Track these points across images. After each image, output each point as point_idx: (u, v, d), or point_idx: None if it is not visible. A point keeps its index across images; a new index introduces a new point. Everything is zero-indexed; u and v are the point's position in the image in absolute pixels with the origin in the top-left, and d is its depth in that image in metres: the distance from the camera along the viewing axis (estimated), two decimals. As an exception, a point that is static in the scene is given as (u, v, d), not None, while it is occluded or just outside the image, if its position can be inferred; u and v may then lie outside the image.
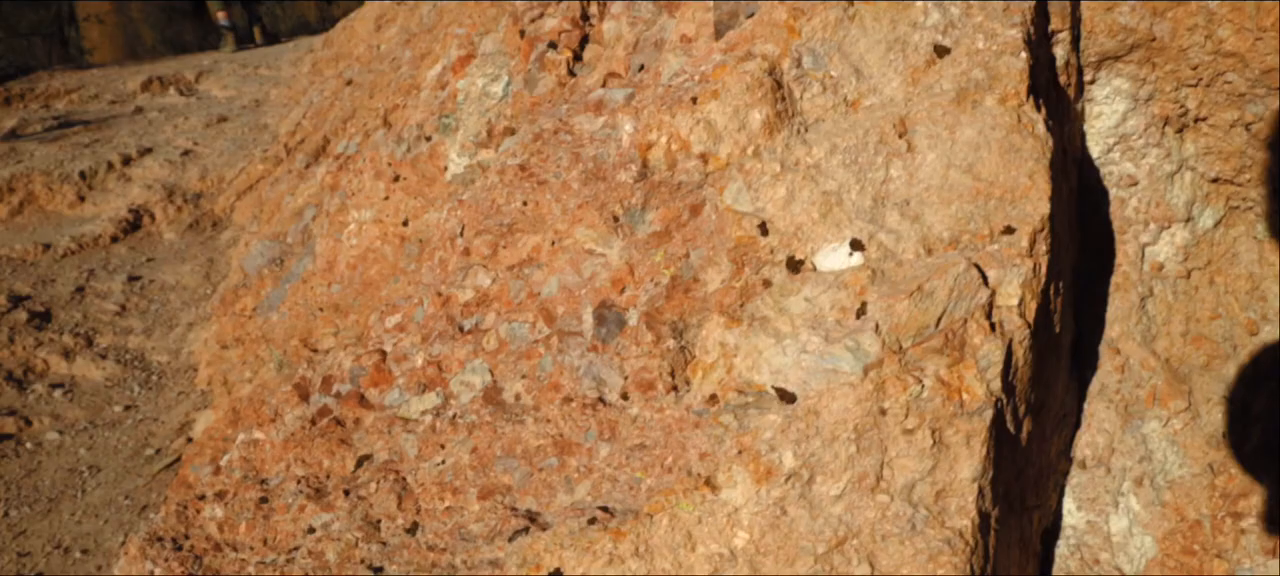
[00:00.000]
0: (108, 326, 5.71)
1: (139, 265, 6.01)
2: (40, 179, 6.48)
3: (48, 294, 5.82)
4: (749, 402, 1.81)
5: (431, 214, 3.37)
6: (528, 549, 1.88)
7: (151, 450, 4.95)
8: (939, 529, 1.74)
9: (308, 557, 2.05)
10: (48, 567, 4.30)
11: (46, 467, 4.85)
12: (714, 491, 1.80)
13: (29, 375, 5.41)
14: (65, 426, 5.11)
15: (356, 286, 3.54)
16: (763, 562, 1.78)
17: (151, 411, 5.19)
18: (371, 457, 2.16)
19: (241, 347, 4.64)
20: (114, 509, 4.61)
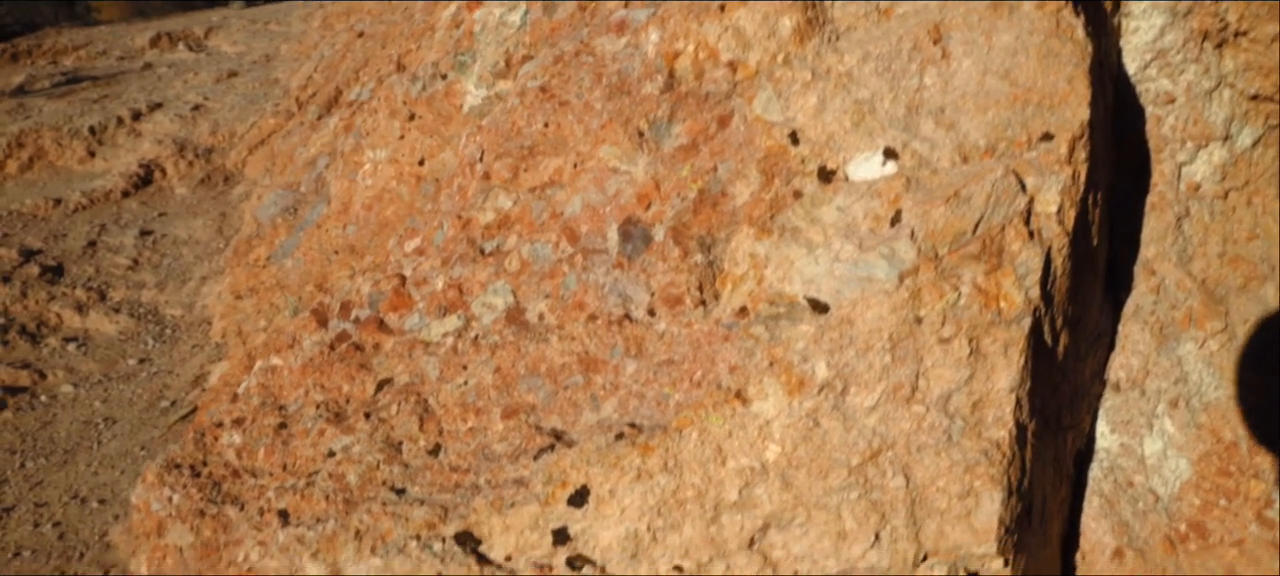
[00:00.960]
0: (120, 280, 5.69)
1: (151, 220, 5.98)
2: (50, 134, 6.44)
3: (59, 248, 5.80)
4: (780, 314, 1.77)
5: (447, 152, 3.32)
6: (554, 466, 1.85)
7: (166, 402, 4.94)
8: (976, 440, 1.70)
9: (328, 480, 2.03)
10: (65, 517, 4.30)
11: (62, 420, 4.84)
12: (745, 404, 1.76)
13: (42, 329, 5.40)
14: (80, 379, 5.10)
15: (372, 227, 3.50)
16: (795, 476, 1.74)
17: (166, 364, 5.17)
18: (392, 381, 2.13)
19: (256, 297, 4.61)
20: (130, 460, 4.60)
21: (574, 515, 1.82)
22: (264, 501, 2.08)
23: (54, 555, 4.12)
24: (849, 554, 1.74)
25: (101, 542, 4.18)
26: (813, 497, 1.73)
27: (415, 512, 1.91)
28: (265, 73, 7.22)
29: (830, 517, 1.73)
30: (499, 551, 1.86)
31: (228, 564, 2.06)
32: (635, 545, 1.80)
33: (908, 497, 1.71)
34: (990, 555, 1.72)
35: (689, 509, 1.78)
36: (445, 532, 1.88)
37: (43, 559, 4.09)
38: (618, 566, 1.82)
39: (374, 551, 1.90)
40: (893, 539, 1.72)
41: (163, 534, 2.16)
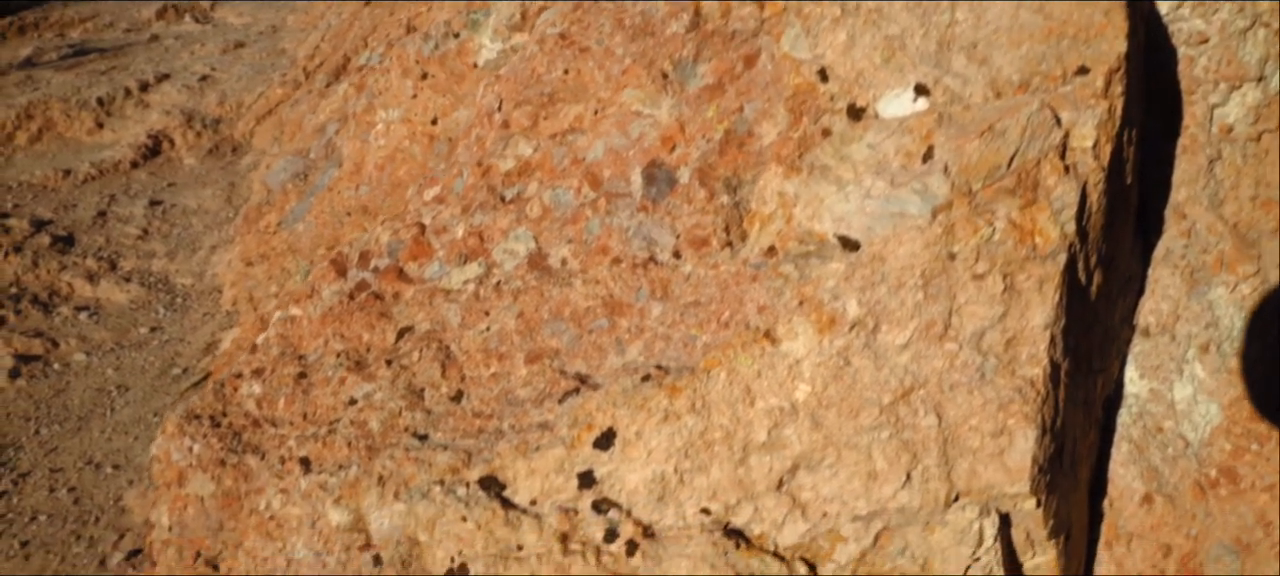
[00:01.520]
0: (130, 250, 5.67)
1: (160, 190, 5.96)
2: (58, 106, 6.42)
3: (70, 219, 5.78)
4: (810, 252, 1.74)
5: (461, 111, 3.29)
6: (579, 409, 1.83)
7: (178, 369, 4.93)
8: (1009, 377, 1.67)
9: (350, 427, 2.01)
10: (80, 482, 4.30)
11: (75, 388, 4.84)
12: (774, 344, 1.73)
13: (54, 298, 5.39)
14: (92, 348, 5.09)
15: (384, 187, 3.47)
16: (825, 415, 1.72)
17: (177, 332, 5.16)
18: (413, 329, 2.11)
19: (267, 263, 4.59)
20: (143, 426, 4.60)
21: (600, 458, 1.80)
22: (285, 450, 2.07)
23: (70, 519, 4.12)
24: (879, 494, 1.72)
25: (117, 506, 4.18)
26: (843, 437, 1.71)
27: (439, 458, 1.89)
28: (272, 43, 7.18)
29: (860, 457, 1.71)
30: (524, 496, 1.84)
31: (249, 512, 2.05)
32: (662, 487, 1.78)
33: (940, 436, 1.69)
34: (1023, 494, 1.70)
35: (717, 450, 1.76)
36: (469, 477, 1.86)
37: (59, 522, 4.09)
38: (644, 510, 1.80)
39: (397, 497, 1.89)
40: (924, 479, 1.70)
41: (183, 483, 2.15)
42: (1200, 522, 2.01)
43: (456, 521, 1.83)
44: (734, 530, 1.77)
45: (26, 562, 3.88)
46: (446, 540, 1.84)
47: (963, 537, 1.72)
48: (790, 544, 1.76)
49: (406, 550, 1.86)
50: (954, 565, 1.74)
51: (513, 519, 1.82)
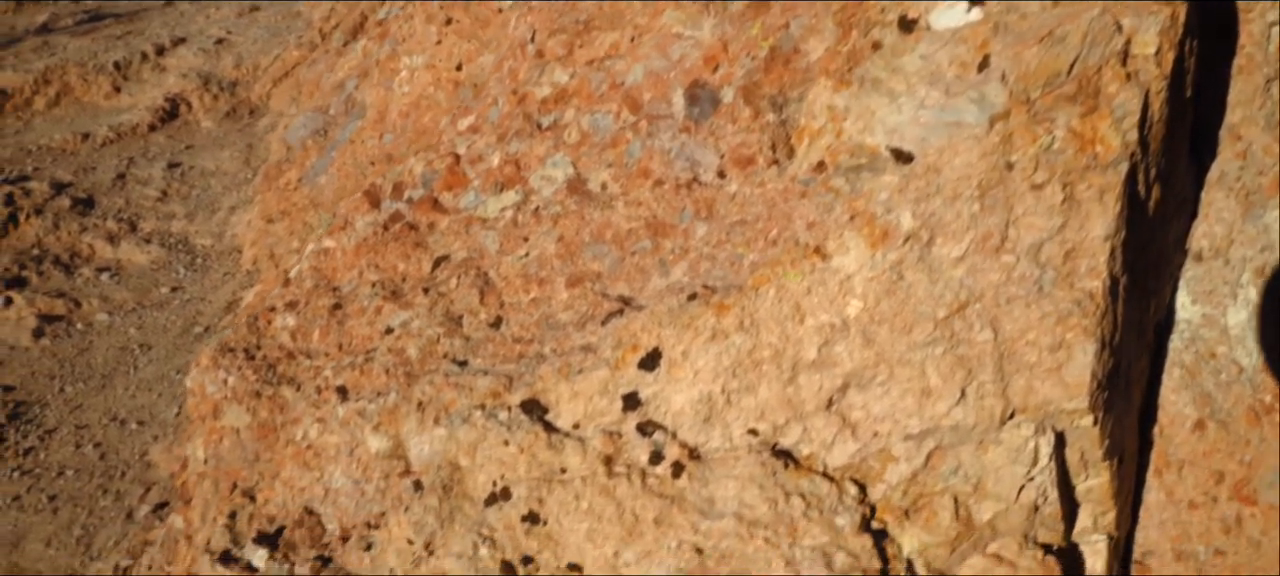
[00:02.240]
0: (150, 212, 5.66)
1: (178, 152, 5.94)
2: (75, 71, 6.40)
3: (89, 181, 5.76)
4: (861, 165, 1.69)
5: (486, 56, 3.24)
6: (623, 331, 1.79)
7: (200, 328, 4.92)
8: (1068, 290, 1.63)
9: (388, 355, 1.98)
10: (106, 438, 4.30)
11: (98, 347, 4.83)
12: (824, 259, 1.69)
13: (75, 260, 5.38)
14: (114, 308, 5.08)
15: (409, 135, 3.43)
16: (877, 332, 1.68)
17: (198, 292, 5.15)
18: (449, 257, 2.07)
19: (287, 219, 4.57)
20: (166, 383, 4.59)
21: (645, 379, 1.77)
22: (321, 380, 2.04)
23: (96, 474, 4.12)
24: (933, 412, 1.68)
25: (142, 461, 4.18)
26: (895, 354, 1.67)
27: (479, 383, 1.86)
28: (287, 5, 7.14)
29: (913, 374, 1.67)
30: (566, 419, 1.81)
31: (286, 442, 2.02)
32: (708, 408, 1.75)
33: (995, 351, 1.65)
34: (1081, 411, 1.66)
35: (765, 369, 1.72)
36: (511, 402, 1.83)
37: (86, 477, 4.09)
38: (690, 432, 1.77)
39: (437, 422, 1.86)
40: (979, 395, 1.66)
41: (218, 416, 2.13)
42: (1254, 448, 1.97)
43: (498, 446, 1.80)
44: (782, 451, 1.73)
45: (55, 516, 3.89)
46: (488, 464, 1.81)
47: (1017, 456, 1.68)
48: (840, 464, 1.72)
49: (447, 475, 1.83)
50: (1007, 485, 1.71)
51: (556, 442, 1.79)
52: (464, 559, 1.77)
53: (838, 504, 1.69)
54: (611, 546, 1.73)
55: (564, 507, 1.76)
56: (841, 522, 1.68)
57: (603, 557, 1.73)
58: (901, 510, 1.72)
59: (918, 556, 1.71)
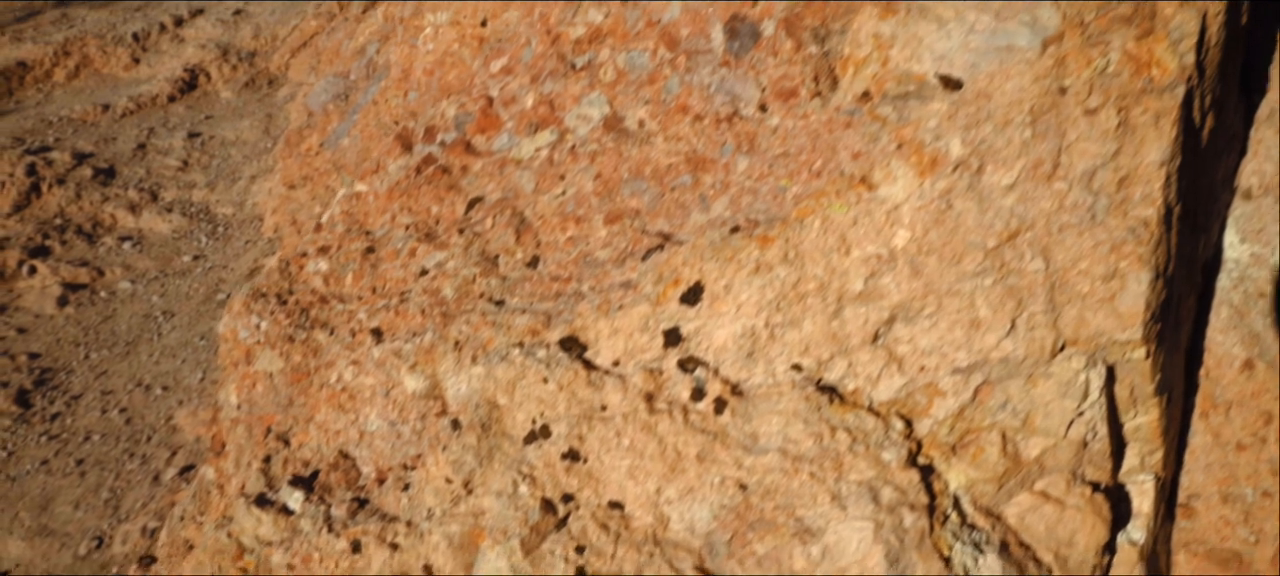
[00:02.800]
0: (171, 181, 5.66)
1: (198, 122, 5.93)
2: (94, 43, 6.39)
3: (110, 151, 5.77)
4: (909, 93, 1.66)
5: (511, 12, 3.21)
6: (664, 265, 1.77)
7: (223, 295, 4.92)
8: (1122, 218, 1.59)
9: (423, 296, 1.96)
10: (131, 403, 4.31)
11: (122, 314, 4.84)
12: (870, 189, 1.66)
13: (98, 229, 5.39)
14: (137, 276, 5.09)
15: (433, 93, 3.40)
16: (925, 262, 1.65)
17: (220, 260, 5.15)
18: (483, 198, 2.05)
19: (309, 184, 4.55)
20: (190, 349, 4.60)
21: (686, 314, 1.74)
22: (355, 323, 2.02)
23: (123, 438, 4.13)
24: (981, 344, 1.65)
25: (168, 426, 4.19)
26: (944, 285, 1.64)
27: (517, 321, 1.84)
28: (305, -22, 7.12)
29: (962, 305, 1.64)
30: (606, 356, 1.79)
31: (320, 386, 2.01)
32: (752, 343, 1.72)
33: (1047, 281, 1.61)
34: (1134, 342, 1.62)
35: (810, 303, 1.69)
36: (549, 339, 1.81)
37: (112, 442, 4.10)
38: (732, 368, 1.74)
39: (475, 360, 1.84)
40: (1030, 326, 1.63)
41: (251, 361, 2.11)
42: (1305, 389, 1.93)
43: (537, 383, 1.78)
44: (827, 386, 1.70)
45: (83, 479, 3.90)
46: (527, 402, 1.79)
47: (1067, 390, 1.65)
48: (885, 399, 1.69)
49: (485, 413, 1.81)
50: (1056, 420, 1.67)
51: (596, 379, 1.77)
52: (504, 497, 1.75)
53: (884, 439, 1.66)
54: (653, 483, 1.71)
55: (605, 445, 1.73)
56: (888, 457, 1.65)
57: (644, 494, 1.71)
58: (948, 446, 1.69)
59: (964, 493, 1.68)
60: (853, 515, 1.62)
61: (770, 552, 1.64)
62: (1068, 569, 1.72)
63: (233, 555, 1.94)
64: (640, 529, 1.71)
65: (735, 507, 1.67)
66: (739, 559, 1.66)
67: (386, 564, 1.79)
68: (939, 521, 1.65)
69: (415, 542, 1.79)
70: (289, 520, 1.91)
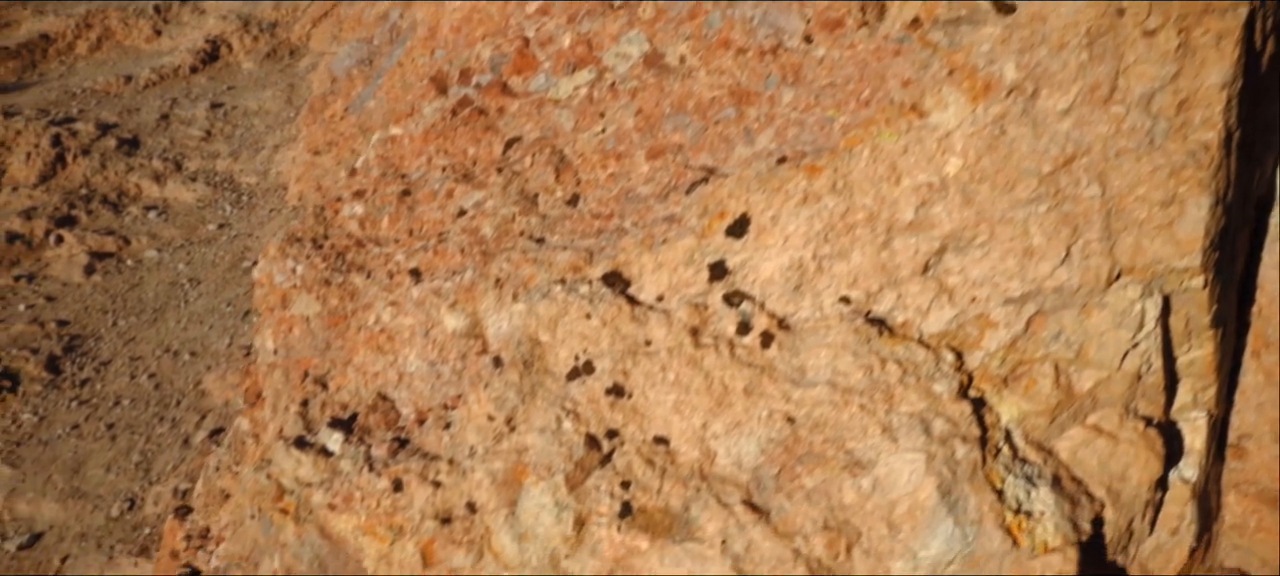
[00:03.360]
0: (195, 151, 5.66)
1: (220, 93, 5.94)
2: (115, 14, 6.40)
3: (134, 122, 5.78)
4: (960, 17, 1.62)
5: (540, -34, 3.17)
6: (709, 198, 1.74)
7: (248, 262, 4.92)
8: (1181, 142, 1.55)
9: (462, 235, 1.94)
10: (159, 368, 4.32)
11: (149, 282, 4.86)
12: (921, 117, 1.63)
13: (123, 198, 5.40)
14: (163, 244, 5.10)
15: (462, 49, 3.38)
16: (977, 189, 1.61)
17: (245, 228, 5.16)
18: (521, 138, 2.03)
19: (334, 149, 4.54)
20: (217, 315, 4.61)
21: (732, 247, 1.72)
22: (392, 265, 2.01)
23: (152, 403, 4.14)
24: (1035, 273, 1.61)
25: (196, 390, 4.20)
26: (997, 212, 1.61)
27: (558, 257, 1.82)
28: (324, -49, 7.10)
29: (1015, 233, 1.60)
30: (650, 291, 1.77)
31: (358, 328, 2.00)
32: (799, 276, 1.70)
33: (1103, 208, 1.58)
34: (1192, 270, 1.59)
35: (859, 233, 1.66)
36: (592, 275, 1.79)
37: (142, 406, 4.11)
38: (779, 302, 1.71)
39: (516, 298, 1.82)
40: (1084, 255, 1.59)
41: (288, 305, 2.10)
42: (1362, 327, 1.89)
43: (580, 319, 1.76)
44: (876, 319, 1.68)
45: (113, 443, 3.91)
46: (570, 338, 1.77)
47: (1122, 320, 1.62)
48: (936, 332, 1.67)
49: (527, 350, 1.79)
50: (1110, 351, 1.64)
51: (639, 315, 1.74)
52: (547, 432, 1.74)
53: (935, 371, 1.64)
54: (699, 417, 1.69)
55: (650, 380, 1.71)
56: (939, 389, 1.62)
57: (690, 429, 1.69)
58: (1000, 378, 1.66)
59: (1016, 426, 1.66)
60: (904, 447, 1.59)
61: (820, 485, 1.62)
62: (1120, 504, 1.69)
63: (273, 496, 1.94)
64: (686, 464, 1.69)
65: (783, 441, 1.65)
66: (787, 492, 1.64)
67: (429, 501, 1.78)
68: (991, 454, 1.62)
69: (458, 480, 1.78)
70: (329, 461, 1.90)
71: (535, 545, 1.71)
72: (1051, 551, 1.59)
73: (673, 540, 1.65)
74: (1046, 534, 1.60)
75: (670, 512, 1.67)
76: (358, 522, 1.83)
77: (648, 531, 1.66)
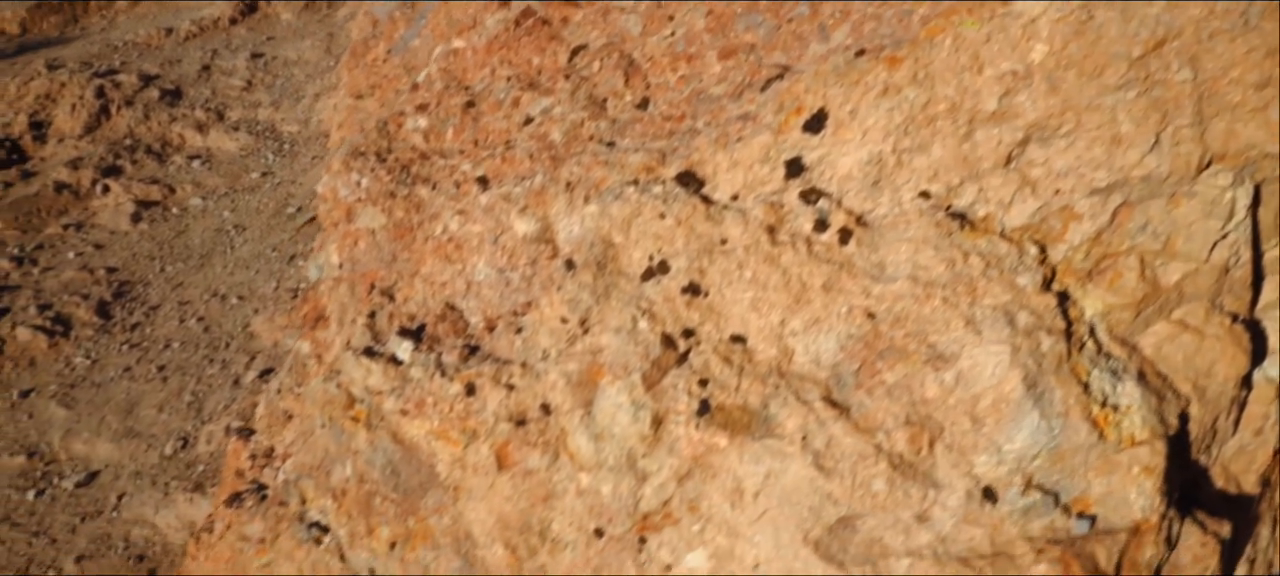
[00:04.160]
0: (236, 101, 5.68)
1: (260, 44, 5.95)
2: (153, -31, 6.42)
3: (176, 73, 5.80)
4: (1046, -102, 1.58)
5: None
6: (786, 93, 1.71)
7: (293, 209, 4.94)
8: (1276, 22, 1.51)
9: (530, 142, 1.92)
10: (208, 312, 4.36)
11: (194, 229, 4.89)
12: (1005, 3, 1.59)
13: (166, 148, 5.43)
14: (207, 193, 5.13)
15: (510, -18, 3.35)
16: (1063, 77, 1.58)
17: (288, 175, 5.18)
18: (587, 45, 2.00)
19: (378, 92, 4.52)
20: (263, 260, 4.64)
21: (809, 143, 1.69)
22: (459, 175, 2.00)
23: (202, 345, 4.17)
24: (1122, 162, 1.58)
25: (245, 332, 4.23)
26: (1083, 100, 1.57)
27: (630, 159, 1.80)
28: (358, -97, 7.09)
29: (1102, 121, 1.57)
30: (724, 190, 1.75)
31: (425, 239, 1.99)
32: (878, 170, 1.67)
33: (1194, 92, 1.54)
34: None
35: (939, 125, 1.63)
36: (665, 175, 1.77)
37: (192, 348, 4.15)
38: (856, 198, 1.69)
39: (588, 200, 1.80)
40: (1174, 141, 1.56)
41: (352, 219, 2.10)
42: None
43: (654, 220, 1.75)
44: (956, 213, 1.65)
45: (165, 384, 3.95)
46: (644, 239, 1.75)
47: (1211, 210, 1.58)
48: (1018, 225, 1.64)
49: (600, 252, 1.78)
50: (1198, 243, 1.61)
51: (715, 214, 1.73)
52: (622, 333, 1.73)
53: (1018, 264, 1.61)
54: (777, 315, 1.67)
55: (726, 278, 1.70)
56: (1023, 282, 1.60)
57: (768, 326, 1.68)
58: (1084, 272, 1.63)
59: (1100, 320, 1.63)
60: (988, 340, 1.57)
61: (901, 380, 1.61)
62: (1205, 400, 1.66)
63: (343, 405, 1.95)
64: (764, 361, 1.68)
65: (863, 336, 1.63)
66: (867, 388, 1.62)
67: (502, 404, 1.78)
68: (1076, 348, 1.60)
69: (531, 382, 1.78)
70: (399, 369, 1.91)
71: (612, 444, 1.71)
72: (1139, 444, 1.56)
73: (752, 437, 1.64)
74: (1133, 427, 1.57)
75: (749, 410, 1.66)
76: (430, 427, 1.84)
77: (726, 428, 1.66)
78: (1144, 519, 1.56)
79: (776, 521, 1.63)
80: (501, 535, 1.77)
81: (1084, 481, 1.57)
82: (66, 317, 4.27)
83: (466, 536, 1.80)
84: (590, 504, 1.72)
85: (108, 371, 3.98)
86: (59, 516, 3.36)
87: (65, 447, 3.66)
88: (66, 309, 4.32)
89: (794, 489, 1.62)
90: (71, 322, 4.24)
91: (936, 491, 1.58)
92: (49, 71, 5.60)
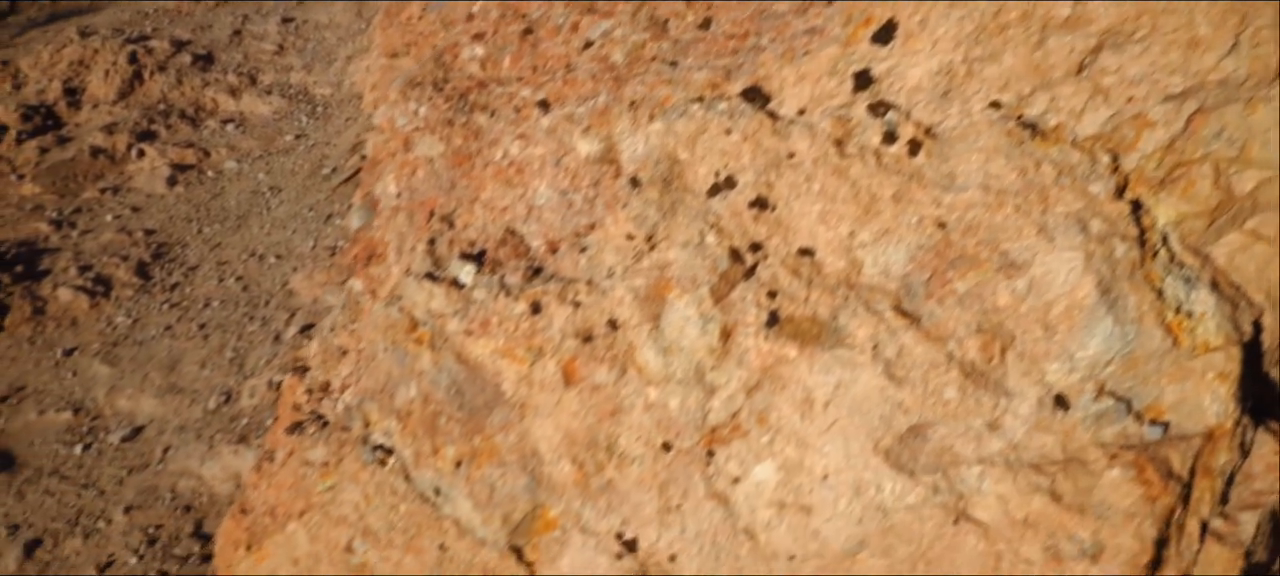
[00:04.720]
0: (268, 65, 5.70)
1: (290, 8, 5.97)
2: (182, -63, 6.43)
3: (207, 38, 5.83)
4: None
5: None
6: (853, 5, 1.70)
7: (328, 170, 4.96)
8: (1360, -80, 1.49)
9: (591, 63, 1.92)
10: (246, 271, 4.38)
11: (230, 191, 4.91)
12: (1079, -94, 1.57)
13: (200, 112, 5.45)
14: (241, 155, 5.15)
15: (551, -70, 3.35)
16: (1139, -20, 1.56)
17: (322, 138, 5.20)
18: (647, -30, 2.00)
19: (414, 50, 4.53)
20: (299, 220, 4.65)
21: (878, 54, 1.69)
22: (518, 100, 2.00)
23: (241, 303, 4.20)
24: (1199, 65, 1.56)
25: (284, 290, 4.25)
26: (1160, 3, 1.55)
27: (695, 77, 1.80)
28: None
29: (1179, 23, 1.55)
30: (791, 105, 1.74)
31: (484, 165, 2.00)
32: (948, 81, 1.66)
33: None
34: (1368, 57, 1.53)
35: (1011, 33, 1.62)
36: (730, 92, 1.77)
37: (231, 307, 4.18)
38: (925, 110, 1.68)
39: (652, 118, 1.80)
40: (1254, 43, 1.54)
41: (410, 148, 2.11)
42: None
43: (720, 135, 1.75)
44: (1028, 122, 1.64)
45: (206, 341, 3.98)
46: (710, 155, 1.75)
47: (1289, 116, 1.57)
48: (1090, 134, 1.63)
49: (666, 169, 1.78)
50: (1274, 150, 1.59)
51: (781, 128, 1.72)
52: (690, 247, 1.73)
53: (1090, 172, 1.60)
54: (846, 226, 1.67)
55: (794, 191, 1.70)
56: (1096, 189, 1.59)
57: (836, 238, 1.68)
58: (1156, 181, 1.62)
59: (1173, 229, 1.62)
60: (1061, 246, 1.57)
61: (972, 289, 1.60)
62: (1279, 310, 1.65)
63: (406, 328, 1.96)
64: (833, 273, 1.67)
65: (933, 246, 1.63)
66: (938, 298, 1.62)
67: (569, 321, 1.79)
68: (1150, 255, 1.59)
69: (598, 299, 1.78)
70: (461, 292, 1.91)
71: (680, 357, 1.71)
72: (1213, 350, 1.56)
73: (822, 347, 1.65)
74: (1208, 333, 1.57)
75: (818, 321, 1.66)
76: (496, 346, 1.85)
77: (796, 339, 1.66)
78: (1218, 424, 1.55)
79: (846, 431, 1.63)
80: (568, 451, 1.78)
81: (1157, 388, 1.57)
82: (107, 278, 4.31)
83: (533, 453, 1.81)
84: (658, 418, 1.73)
85: (149, 330, 4.01)
86: (106, 469, 3.39)
87: (110, 403, 3.70)
88: (106, 270, 4.36)
89: (864, 398, 1.62)
90: (112, 283, 4.27)
91: (1008, 399, 1.58)
92: (82, 38, 5.63)
